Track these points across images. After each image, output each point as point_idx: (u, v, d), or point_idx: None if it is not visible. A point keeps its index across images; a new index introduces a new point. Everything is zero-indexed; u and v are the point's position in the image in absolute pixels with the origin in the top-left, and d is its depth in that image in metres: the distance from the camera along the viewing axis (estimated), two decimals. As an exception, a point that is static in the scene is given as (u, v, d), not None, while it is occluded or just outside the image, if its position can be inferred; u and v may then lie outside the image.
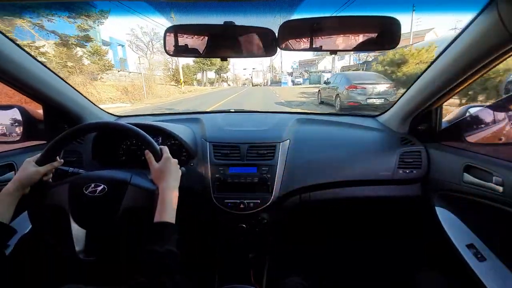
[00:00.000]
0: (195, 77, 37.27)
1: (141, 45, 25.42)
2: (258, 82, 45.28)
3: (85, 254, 0.66)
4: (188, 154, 1.07)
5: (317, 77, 39.78)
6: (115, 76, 16.81)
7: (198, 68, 35.50)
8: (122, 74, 18.26)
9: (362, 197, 1.10)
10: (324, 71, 40.33)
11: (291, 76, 41.83)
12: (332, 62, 36.52)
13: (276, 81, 55.85)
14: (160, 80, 23.62)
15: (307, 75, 42.04)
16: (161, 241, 0.55)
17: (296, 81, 39.33)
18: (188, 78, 31.10)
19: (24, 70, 0.88)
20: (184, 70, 30.33)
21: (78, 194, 0.66)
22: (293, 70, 46.76)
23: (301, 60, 49.76)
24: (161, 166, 0.69)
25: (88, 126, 0.78)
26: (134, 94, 15.07)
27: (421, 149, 1.09)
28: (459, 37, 0.76)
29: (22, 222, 0.79)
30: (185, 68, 31.53)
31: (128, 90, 14.95)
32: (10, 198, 0.62)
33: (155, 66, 24.47)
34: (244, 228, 1.03)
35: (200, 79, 39.09)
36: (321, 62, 44.13)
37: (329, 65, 44.49)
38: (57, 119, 1.12)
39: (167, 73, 27.24)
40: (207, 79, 43.76)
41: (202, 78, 39.11)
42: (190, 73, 32.94)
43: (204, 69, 36.34)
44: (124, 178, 0.69)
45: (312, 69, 46.03)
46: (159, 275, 0.49)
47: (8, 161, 0.94)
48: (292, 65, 47.61)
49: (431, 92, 0.96)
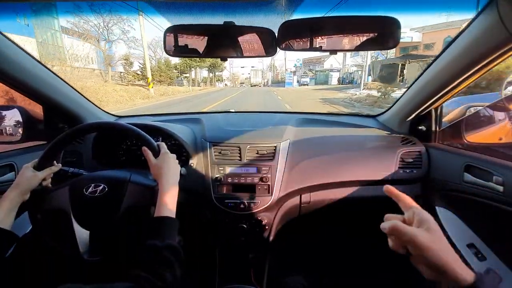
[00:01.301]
0: (183, 75, 32.75)
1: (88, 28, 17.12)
2: (257, 82, 42.67)
3: (90, 255, 0.67)
4: (188, 154, 1.07)
5: (324, 76, 36.01)
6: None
7: (185, 65, 29.96)
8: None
9: (363, 197, 1.10)
10: (332, 70, 36.29)
11: (295, 75, 37.68)
12: (344, 59, 32.53)
13: (278, 80, 50.42)
14: (117, 79, 18.48)
15: (312, 74, 38.51)
16: (162, 235, 0.55)
17: (303, 81, 34.90)
18: (165, 76, 24.39)
19: (24, 71, 0.88)
20: (161, 67, 24.70)
21: (79, 196, 0.66)
22: (296, 69, 42.16)
23: (305, 58, 45.95)
24: (159, 162, 0.69)
25: (86, 127, 0.78)
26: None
27: (422, 149, 1.09)
28: (459, 37, 0.76)
29: (22, 222, 0.79)
30: (162, 65, 25.47)
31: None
32: (10, 204, 0.63)
33: (112, 59, 18.66)
34: (244, 228, 1.03)
35: (194, 78, 34.58)
36: (327, 60, 40.36)
37: (335, 63, 40.50)
38: (57, 119, 1.12)
39: (129, 69, 20.35)
40: (201, 78, 39.53)
41: (196, 77, 35.38)
42: (169, 71, 26.35)
43: (192, 66, 30.81)
44: (124, 177, 0.69)
45: (317, 68, 41.99)
46: (160, 269, 0.49)
47: (9, 162, 0.94)
48: (295, 63, 42.08)
49: (431, 92, 0.96)
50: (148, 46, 20.33)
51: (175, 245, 0.55)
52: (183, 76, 33.17)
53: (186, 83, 32.22)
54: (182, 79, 33.23)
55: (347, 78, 31.37)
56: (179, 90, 23.29)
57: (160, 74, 23.74)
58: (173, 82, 26.88)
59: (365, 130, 1.25)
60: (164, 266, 0.50)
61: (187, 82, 32.21)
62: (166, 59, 26.87)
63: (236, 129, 1.18)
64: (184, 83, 32.25)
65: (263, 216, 1.03)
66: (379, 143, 1.16)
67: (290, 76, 35.09)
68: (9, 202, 0.62)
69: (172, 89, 21.98)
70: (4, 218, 0.61)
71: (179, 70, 30.88)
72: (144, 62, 18.09)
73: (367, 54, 21.16)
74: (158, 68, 24.22)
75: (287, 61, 39.39)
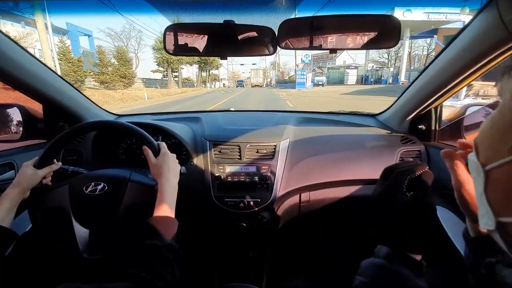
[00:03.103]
0: (166, 73, 26.98)
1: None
2: (258, 82, 38.55)
3: (89, 253, 0.67)
4: (188, 153, 1.07)
5: (339, 74, 30.94)
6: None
7: (162, 60, 24.16)
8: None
9: (362, 196, 1.10)
10: (348, 66, 30.99)
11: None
12: (366, 54, 27.05)
13: (285, 80, 42.09)
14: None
15: (321, 71, 32.71)
16: (161, 235, 0.55)
17: (317, 80, 26.21)
18: (113, 77, 17.45)
19: (24, 69, 0.88)
20: (72, 61, 15.08)
21: (79, 194, 0.66)
22: (303, 66, 32.49)
23: (314, 54, 37.17)
24: (159, 161, 0.69)
25: (85, 126, 0.78)
26: None
27: (421, 148, 1.09)
28: (459, 35, 0.76)
29: (22, 221, 0.79)
30: (74, 59, 15.35)
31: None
32: (10, 202, 0.63)
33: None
34: (244, 227, 1.03)
35: (178, 76, 29.68)
36: (339, 56, 35.40)
37: (349, 59, 35.98)
38: (57, 118, 1.12)
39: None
40: (200, 77, 34.59)
41: (180, 76, 30.36)
42: (123, 66, 18.38)
43: (170, 62, 24.57)
44: (123, 176, 0.69)
45: (328, 65, 36.26)
46: (159, 269, 0.49)
47: (8, 160, 0.94)
48: (303, 59, 31.20)
49: (431, 91, 0.96)
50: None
51: (174, 245, 0.55)
52: (173, 74, 28.68)
53: (174, 83, 27.33)
54: (172, 78, 28.49)
55: (372, 77, 26.29)
56: (128, 97, 15.45)
57: (111, 73, 17.20)
58: (131, 83, 19.19)
59: (365, 129, 1.25)
60: (163, 266, 0.50)
61: (175, 82, 27.22)
62: (99, 49, 18.27)
63: (236, 128, 1.18)
64: (172, 83, 26.91)
65: (262, 215, 1.03)
66: (379, 142, 1.16)
67: (303, 75, 24.38)
68: (9, 200, 0.63)
69: (113, 95, 14.68)
70: (4, 216, 0.61)
71: (167, 68, 25.68)
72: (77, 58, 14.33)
73: (405, 44, 17.88)
74: (71, 64, 15.08)
75: (296, 57, 30.32)
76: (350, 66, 31.62)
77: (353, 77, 29.53)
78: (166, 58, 24.16)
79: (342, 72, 31.09)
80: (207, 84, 37.23)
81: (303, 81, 23.92)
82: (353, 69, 30.72)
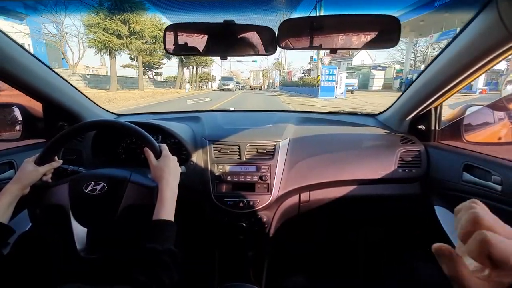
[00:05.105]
0: (154, 71, 21.47)
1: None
2: (257, 85, 35.72)
3: (87, 252, 0.67)
4: (187, 153, 1.07)
5: (362, 76, 22.85)
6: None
7: (98, 43, 14.13)
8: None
9: (362, 196, 1.10)
10: (375, 67, 23.19)
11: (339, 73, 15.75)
12: (407, 53, 19.58)
13: (296, 84, 23.25)
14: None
15: (351, 72, 21.79)
16: (160, 239, 0.55)
17: (348, 84, 16.60)
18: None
19: (24, 68, 0.88)
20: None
21: (78, 193, 0.66)
22: (311, 67, 26.12)
23: (327, 53, 18.70)
24: (160, 164, 0.69)
25: (86, 125, 0.78)
26: None
27: (421, 148, 1.09)
28: (459, 35, 0.76)
29: (21, 220, 0.79)
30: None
31: None
32: (10, 198, 0.63)
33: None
34: (243, 226, 1.03)
35: (171, 77, 22.17)
36: (357, 55, 26.85)
37: (367, 58, 27.80)
38: (56, 117, 1.12)
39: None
40: (182, 75, 25.36)
41: (183, 75, 23.14)
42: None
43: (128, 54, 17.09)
44: (123, 176, 0.69)
45: (343, 65, 27.24)
46: (158, 273, 0.49)
47: (8, 159, 0.94)
48: (315, 57, 22.23)
49: (431, 91, 0.96)
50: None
51: (173, 249, 0.55)
52: (153, 71, 20.59)
53: (149, 83, 20.64)
54: (153, 75, 21.08)
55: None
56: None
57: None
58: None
59: (365, 129, 1.25)
60: (162, 270, 0.50)
61: (150, 81, 20.00)
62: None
63: (235, 127, 1.18)
64: (146, 82, 20.32)
65: (262, 215, 1.03)
66: (379, 142, 1.16)
67: (332, 74, 14.02)
68: (9, 196, 0.62)
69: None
70: (3, 211, 0.61)
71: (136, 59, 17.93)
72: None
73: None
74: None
75: (301, 56, 22.63)
76: (376, 66, 23.29)
77: (379, 81, 22.77)
78: (105, 43, 14.32)
79: (366, 73, 23.12)
80: (186, 85, 25.73)
81: (331, 85, 14.00)
82: (381, 70, 23.18)
